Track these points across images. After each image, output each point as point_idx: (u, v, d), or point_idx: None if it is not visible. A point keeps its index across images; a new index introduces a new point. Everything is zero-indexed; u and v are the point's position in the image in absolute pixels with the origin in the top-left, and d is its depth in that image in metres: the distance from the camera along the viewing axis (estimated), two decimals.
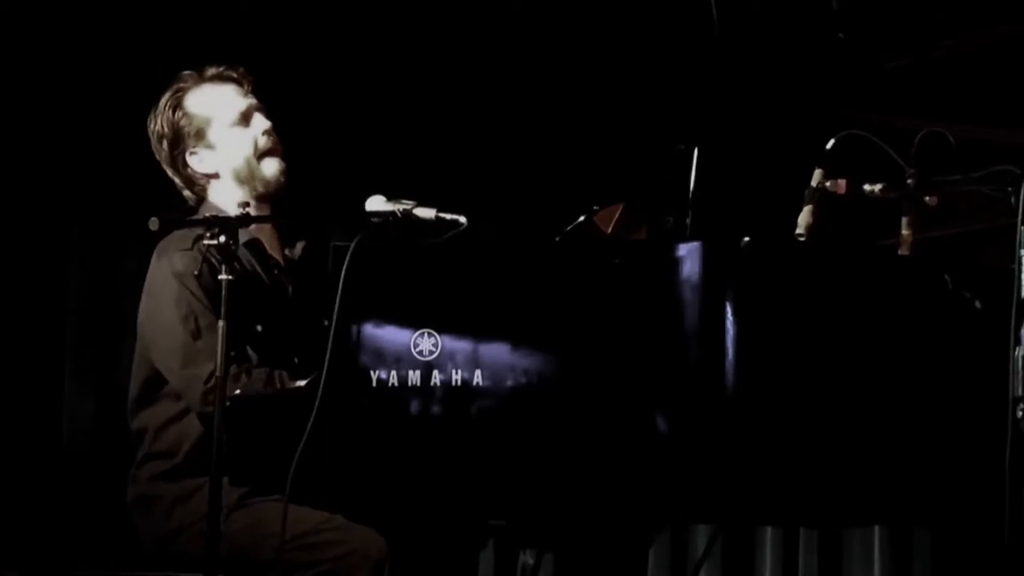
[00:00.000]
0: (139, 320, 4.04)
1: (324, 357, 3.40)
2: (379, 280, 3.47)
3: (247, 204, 3.93)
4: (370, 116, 4.36)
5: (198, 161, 4.09)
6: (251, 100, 4.09)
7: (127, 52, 4.94)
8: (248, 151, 4.07)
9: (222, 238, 3.55)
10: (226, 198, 4.05)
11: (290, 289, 4.08)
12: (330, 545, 3.75)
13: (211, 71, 4.09)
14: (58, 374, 4.95)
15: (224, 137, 4.07)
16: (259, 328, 3.92)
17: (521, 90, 5.06)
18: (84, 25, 4.92)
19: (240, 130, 4.08)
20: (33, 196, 4.89)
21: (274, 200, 4.10)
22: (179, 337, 3.93)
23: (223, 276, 3.51)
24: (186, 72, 4.10)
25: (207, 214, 3.81)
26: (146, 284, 4.02)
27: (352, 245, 3.42)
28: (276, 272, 4.08)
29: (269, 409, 3.63)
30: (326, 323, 3.41)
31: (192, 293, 3.92)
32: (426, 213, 3.66)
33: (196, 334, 3.91)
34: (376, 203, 3.70)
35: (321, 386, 3.39)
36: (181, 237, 3.93)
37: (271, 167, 4.08)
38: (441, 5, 5.09)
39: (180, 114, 4.07)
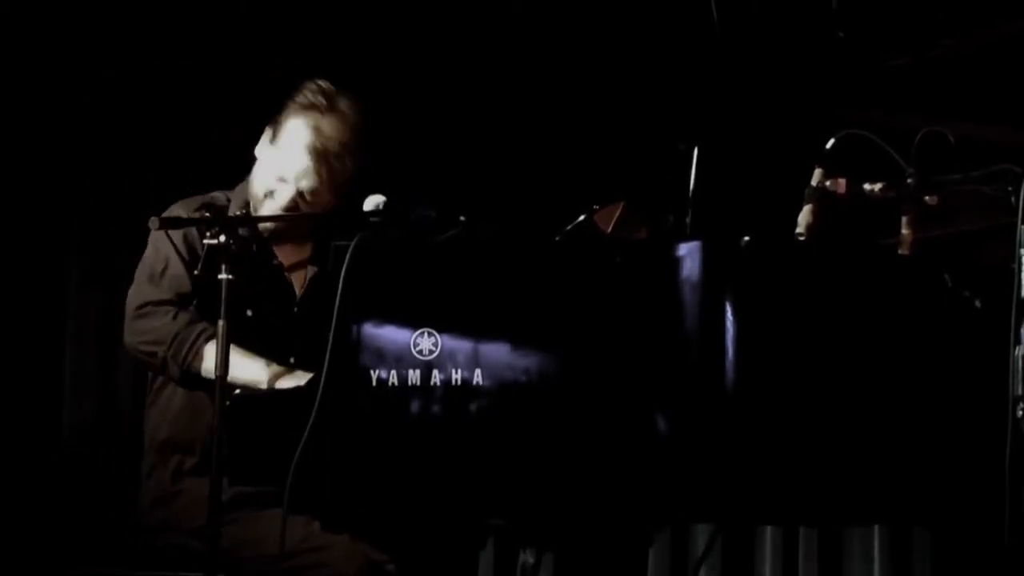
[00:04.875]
0: None
1: (323, 360, 3.40)
2: (379, 279, 3.47)
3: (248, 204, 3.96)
4: (369, 116, 4.35)
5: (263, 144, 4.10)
6: (309, 180, 4.03)
7: (126, 53, 4.94)
8: (265, 186, 4.07)
9: (222, 238, 3.56)
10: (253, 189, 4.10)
11: (296, 294, 4.09)
12: (309, 569, 3.76)
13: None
14: (58, 374, 4.95)
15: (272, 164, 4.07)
16: (248, 312, 3.92)
17: (521, 90, 5.06)
18: (84, 26, 4.91)
19: (280, 184, 4.05)
20: (33, 196, 4.88)
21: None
22: (139, 276, 4.00)
23: (223, 276, 3.53)
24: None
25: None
26: None
27: (352, 244, 3.43)
28: (284, 273, 4.08)
29: (269, 408, 3.64)
30: (330, 335, 3.41)
31: (173, 242, 3.96)
32: None
33: (153, 278, 3.97)
34: (375, 202, 3.71)
35: (321, 385, 3.40)
36: (186, 203, 4.01)
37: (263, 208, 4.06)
38: (441, 5, 5.09)
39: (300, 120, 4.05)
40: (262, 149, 4.06)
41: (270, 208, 4.00)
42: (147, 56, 4.95)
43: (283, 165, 4.00)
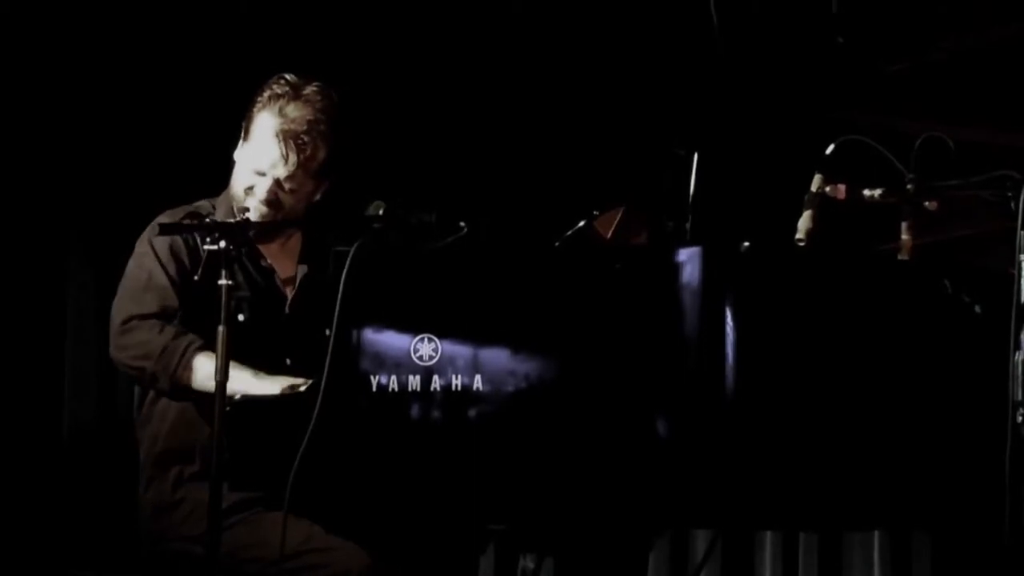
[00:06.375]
0: None
1: (320, 364, 3.40)
2: (379, 285, 3.47)
3: (246, 209, 3.96)
4: (370, 120, 4.35)
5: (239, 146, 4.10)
6: (287, 169, 4.02)
7: (126, 56, 4.94)
8: (244, 182, 4.07)
9: (222, 243, 3.56)
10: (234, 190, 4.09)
11: (288, 297, 4.08)
12: (311, 569, 3.76)
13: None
14: (58, 374, 4.95)
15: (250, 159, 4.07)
16: (240, 317, 3.92)
17: (522, 94, 5.05)
18: (84, 27, 4.91)
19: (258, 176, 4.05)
20: (33, 197, 4.88)
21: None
22: (122, 290, 3.99)
23: (223, 281, 3.52)
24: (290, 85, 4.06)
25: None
26: None
27: (352, 250, 3.43)
28: (275, 276, 4.08)
29: (269, 413, 3.64)
30: (327, 332, 3.41)
31: (157, 255, 3.96)
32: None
33: (136, 292, 3.95)
34: (375, 208, 3.71)
35: (321, 391, 3.40)
36: (171, 213, 4.01)
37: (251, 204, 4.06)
38: (441, 6, 5.09)
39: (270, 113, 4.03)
40: (238, 150, 4.08)
41: (252, 204, 4.01)
42: (147, 56, 4.95)
43: (257, 158, 4.01)
